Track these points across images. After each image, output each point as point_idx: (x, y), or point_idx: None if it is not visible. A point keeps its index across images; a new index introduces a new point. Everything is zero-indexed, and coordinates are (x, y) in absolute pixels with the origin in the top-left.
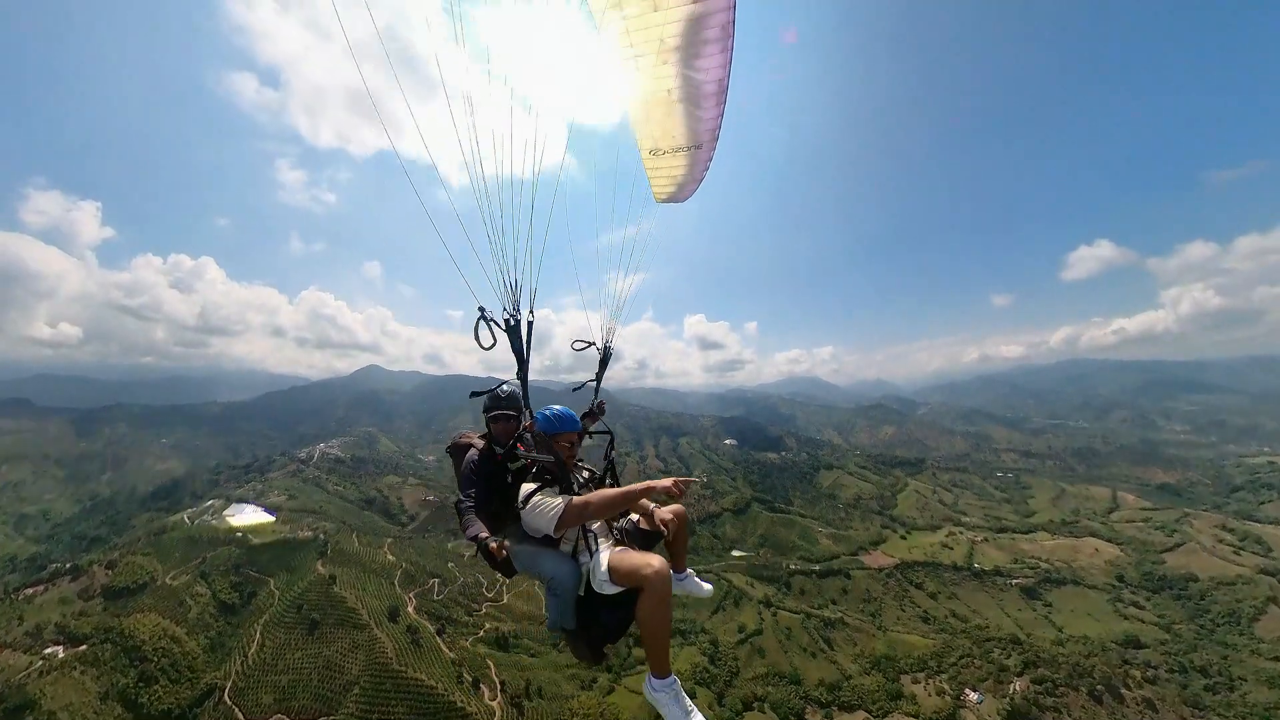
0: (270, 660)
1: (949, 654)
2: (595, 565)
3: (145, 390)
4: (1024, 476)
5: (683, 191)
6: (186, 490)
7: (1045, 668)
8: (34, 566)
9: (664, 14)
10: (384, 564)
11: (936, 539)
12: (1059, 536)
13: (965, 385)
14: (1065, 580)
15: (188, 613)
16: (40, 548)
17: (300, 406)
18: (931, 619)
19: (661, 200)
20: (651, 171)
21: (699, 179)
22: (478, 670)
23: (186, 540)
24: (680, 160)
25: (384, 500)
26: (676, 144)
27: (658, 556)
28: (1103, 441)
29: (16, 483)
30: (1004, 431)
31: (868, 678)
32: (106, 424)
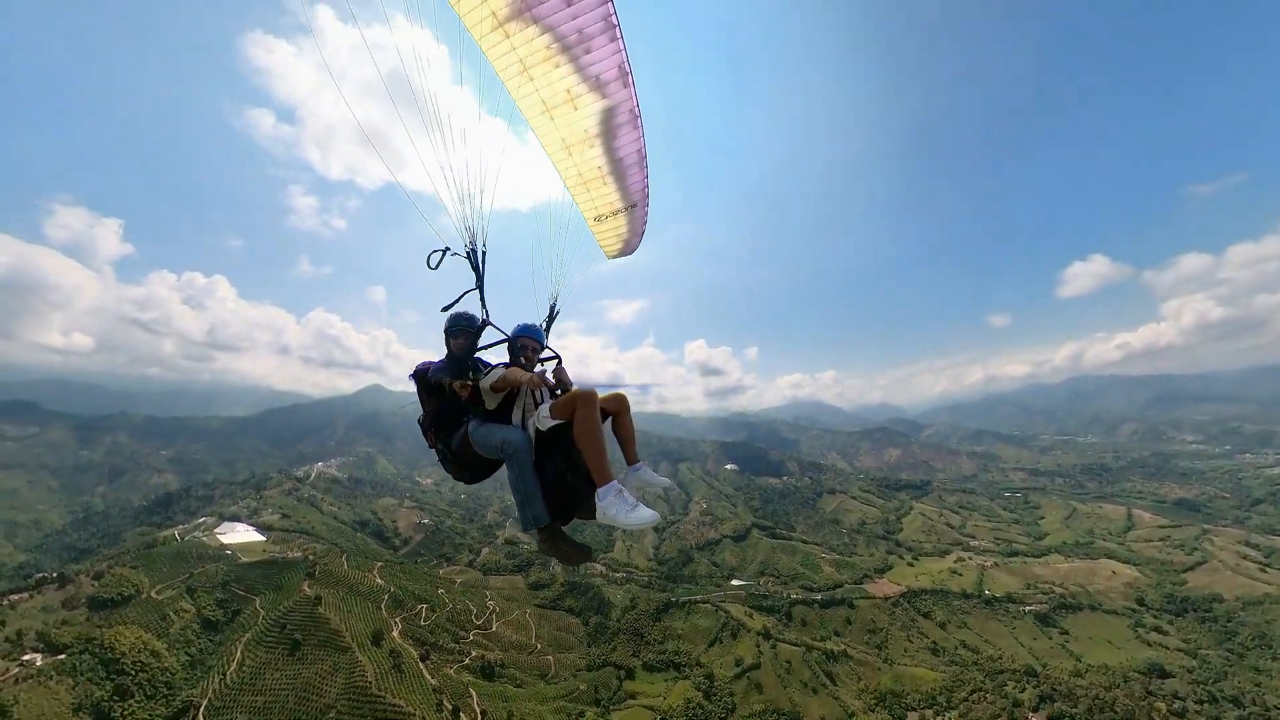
0: (249, 680)
1: (959, 688)
2: (540, 413)
3: (148, 401)
4: (1033, 496)
5: (628, 246)
6: (180, 505)
7: (1063, 701)
8: (20, 574)
9: (582, 112)
10: (372, 587)
11: (945, 565)
12: (1073, 559)
13: (971, 406)
14: (1082, 605)
15: (170, 627)
16: (28, 556)
17: (301, 424)
18: (941, 650)
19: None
20: (600, 234)
21: (640, 232)
22: (459, 699)
23: (175, 555)
24: (621, 220)
25: (378, 523)
26: (615, 207)
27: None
28: (1114, 456)
29: (11, 490)
30: (1012, 450)
31: (872, 715)
32: (108, 432)
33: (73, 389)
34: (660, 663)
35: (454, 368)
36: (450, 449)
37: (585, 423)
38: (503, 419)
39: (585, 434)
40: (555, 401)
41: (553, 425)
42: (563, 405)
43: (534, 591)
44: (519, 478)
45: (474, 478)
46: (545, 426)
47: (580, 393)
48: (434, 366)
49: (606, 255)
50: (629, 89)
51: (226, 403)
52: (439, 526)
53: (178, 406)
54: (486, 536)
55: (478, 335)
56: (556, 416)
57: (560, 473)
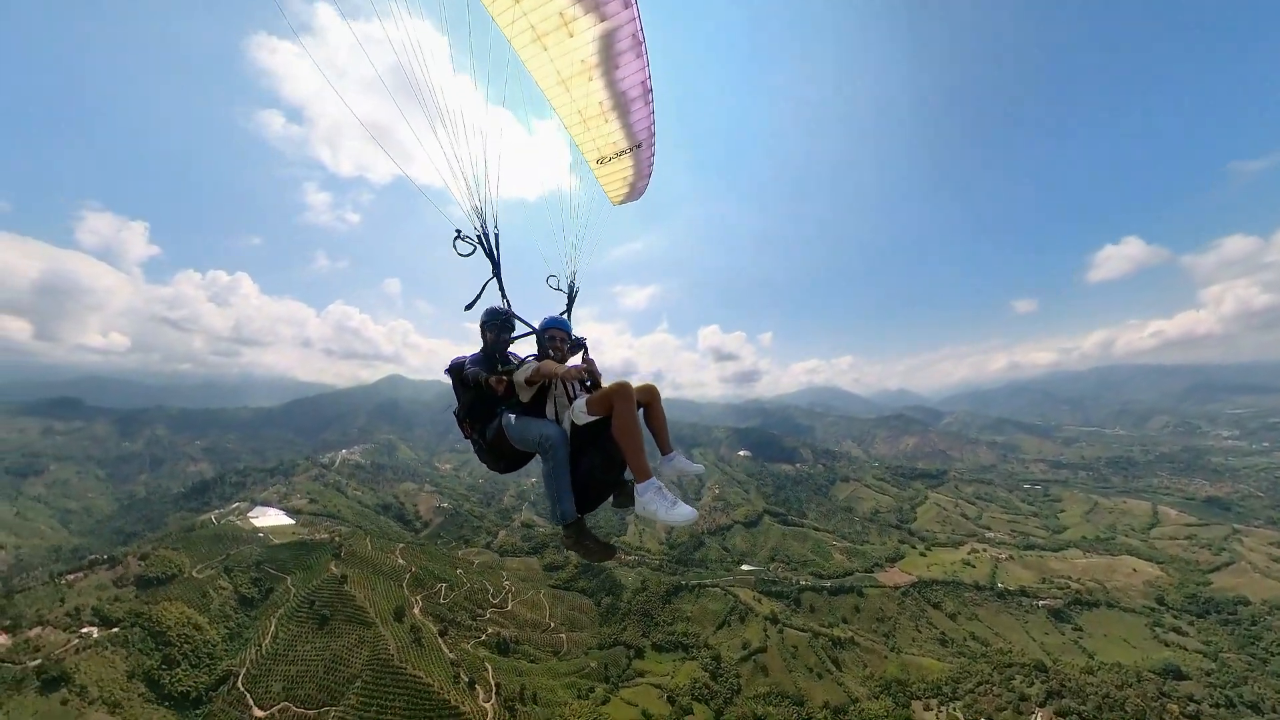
0: (282, 651)
1: (966, 679)
2: (575, 407)
3: (182, 395)
4: (1054, 488)
5: (634, 190)
6: (215, 492)
7: (1071, 698)
8: (75, 556)
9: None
10: (394, 567)
11: (958, 556)
12: (1092, 554)
13: (993, 394)
14: (1098, 602)
15: (210, 604)
16: (82, 540)
17: (326, 413)
18: (949, 641)
19: (619, 202)
20: (603, 178)
21: (647, 175)
22: (475, 672)
23: (213, 538)
24: (626, 162)
25: (399, 506)
26: (619, 148)
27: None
28: (1141, 450)
29: (64, 480)
30: (1034, 441)
31: (876, 702)
32: (147, 425)
33: (112, 386)
34: (669, 643)
35: (488, 362)
36: (485, 440)
37: (624, 418)
38: (537, 412)
39: (624, 430)
40: (591, 397)
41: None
42: (599, 401)
43: (548, 573)
44: (553, 474)
45: (508, 467)
46: (582, 422)
47: (617, 388)
48: (469, 359)
49: (611, 201)
50: (631, 9)
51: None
52: (458, 510)
53: (209, 399)
54: (503, 520)
55: (510, 328)
56: (593, 412)
57: (594, 467)
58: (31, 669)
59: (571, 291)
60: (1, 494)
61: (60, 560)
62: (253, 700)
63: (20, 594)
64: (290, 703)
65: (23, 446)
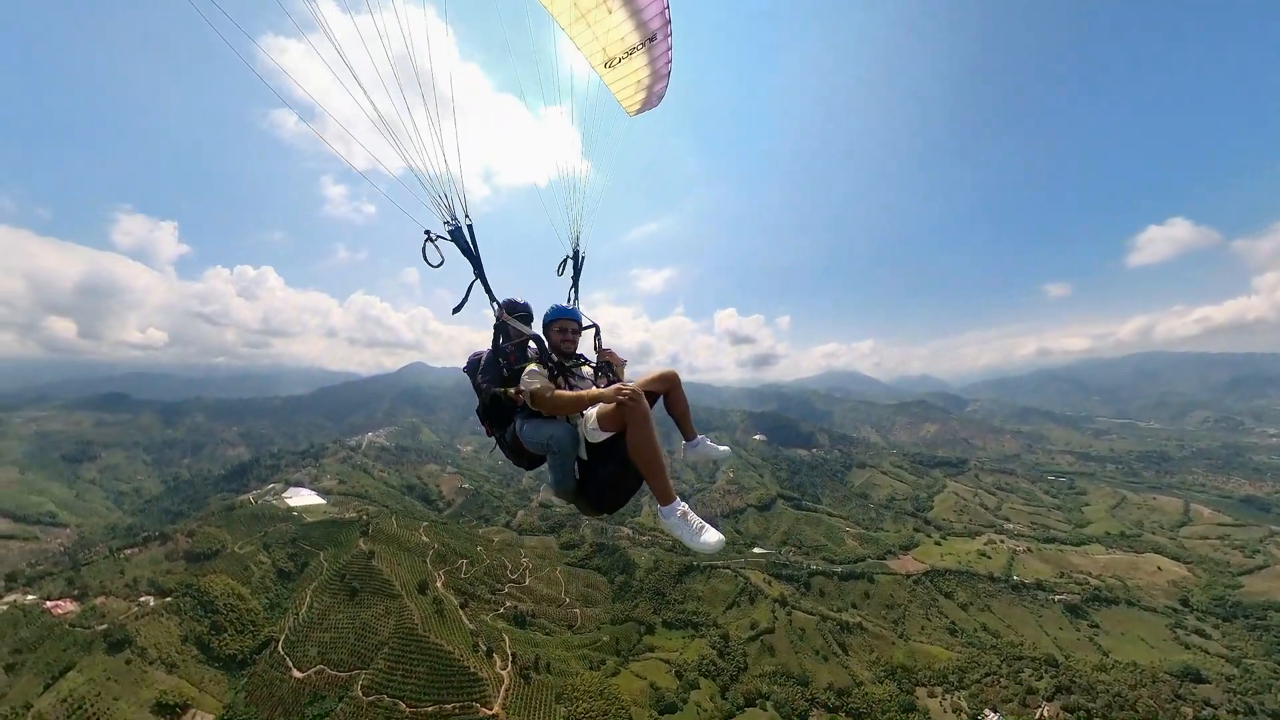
0: (316, 619)
1: (973, 669)
2: (587, 422)
3: (218, 386)
4: (1080, 481)
5: (652, 95)
6: (252, 474)
7: (1080, 694)
8: (130, 534)
9: None
10: (418, 544)
11: (974, 546)
12: (1115, 550)
13: (1020, 381)
14: (1118, 600)
15: (251, 576)
16: (134, 519)
17: (352, 399)
18: (959, 631)
19: (636, 112)
20: (614, 85)
21: (665, 74)
22: (493, 642)
23: (252, 516)
24: (639, 61)
25: (423, 487)
26: (629, 44)
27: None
28: (1177, 445)
29: (115, 465)
30: (1062, 431)
31: (880, 686)
32: (187, 414)
33: (154, 380)
34: (679, 621)
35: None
36: (506, 440)
37: (639, 442)
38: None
39: (641, 454)
40: (602, 412)
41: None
42: (611, 417)
43: (565, 551)
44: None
45: (531, 464)
46: (595, 439)
47: (629, 408)
48: (483, 364)
49: (627, 111)
50: None
51: (285, 384)
52: (478, 491)
53: (243, 389)
54: (522, 500)
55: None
56: (606, 429)
57: (613, 475)
58: (99, 632)
59: (578, 261)
60: (61, 479)
61: (116, 537)
62: (292, 663)
63: (86, 567)
64: (325, 665)
65: (77, 436)
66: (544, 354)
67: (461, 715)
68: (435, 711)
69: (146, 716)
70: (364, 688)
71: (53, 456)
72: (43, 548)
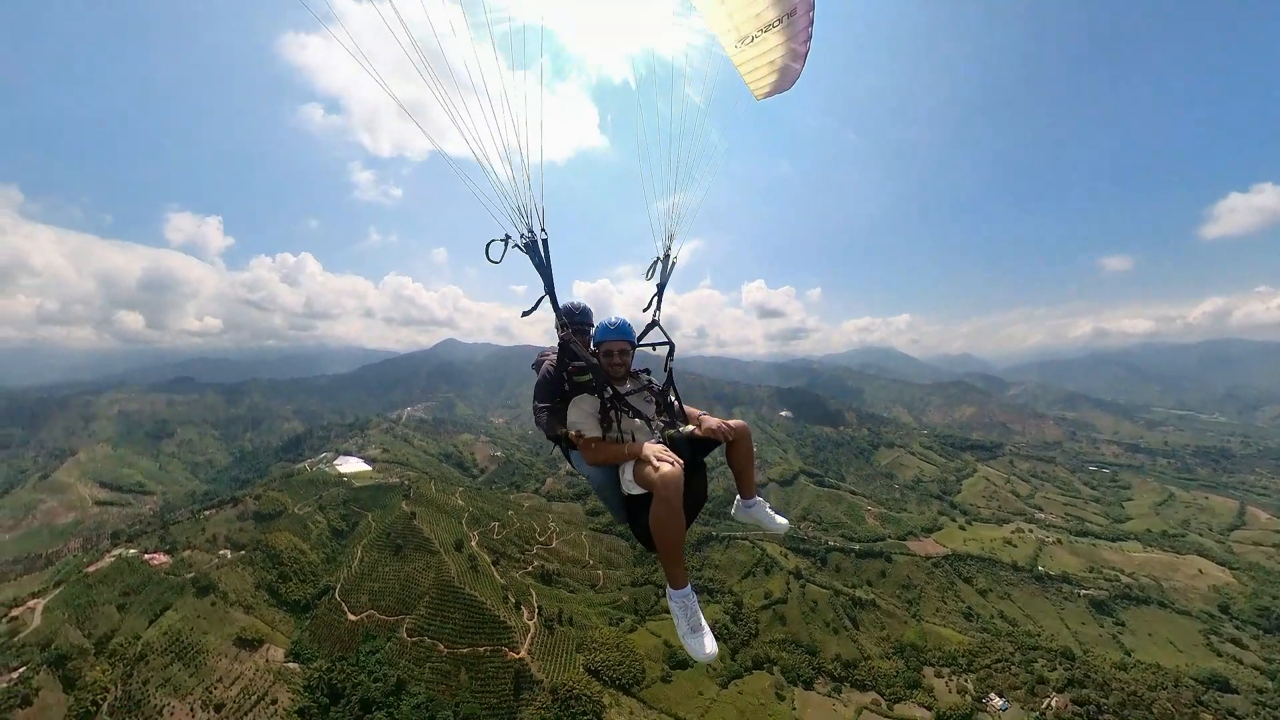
0: (367, 572)
1: (984, 654)
2: (625, 466)
3: (270, 367)
4: (1125, 474)
5: (786, 77)
6: (306, 445)
7: (1093, 689)
8: (206, 499)
9: None
10: (455, 506)
11: (1000, 534)
12: (1154, 549)
13: (1071, 364)
14: (1149, 600)
15: (310, 534)
16: (209, 486)
17: (391, 376)
18: (975, 616)
19: (764, 95)
20: (744, 66)
21: (802, 54)
22: (521, 596)
23: (308, 482)
24: (775, 38)
25: (459, 455)
26: (764, 21)
27: (671, 466)
28: (1242, 442)
29: (189, 440)
30: (1111, 420)
31: (888, 662)
32: (245, 395)
33: (214, 363)
34: (696, 586)
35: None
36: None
37: (659, 517)
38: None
39: (659, 530)
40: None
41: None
42: (643, 477)
43: (590, 517)
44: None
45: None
46: (628, 491)
47: (659, 479)
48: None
49: (755, 94)
50: None
51: (330, 363)
52: (510, 459)
53: (292, 369)
54: (551, 468)
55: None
56: (639, 484)
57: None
58: (188, 579)
59: (668, 266)
60: (146, 453)
61: (195, 502)
62: (346, 608)
63: (173, 526)
64: (375, 611)
65: (154, 415)
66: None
67: (492, 657)
68: (469, 653)
69: (230, 648)
70: (408, 630)
71: (137, 434)
72: (136, 512)
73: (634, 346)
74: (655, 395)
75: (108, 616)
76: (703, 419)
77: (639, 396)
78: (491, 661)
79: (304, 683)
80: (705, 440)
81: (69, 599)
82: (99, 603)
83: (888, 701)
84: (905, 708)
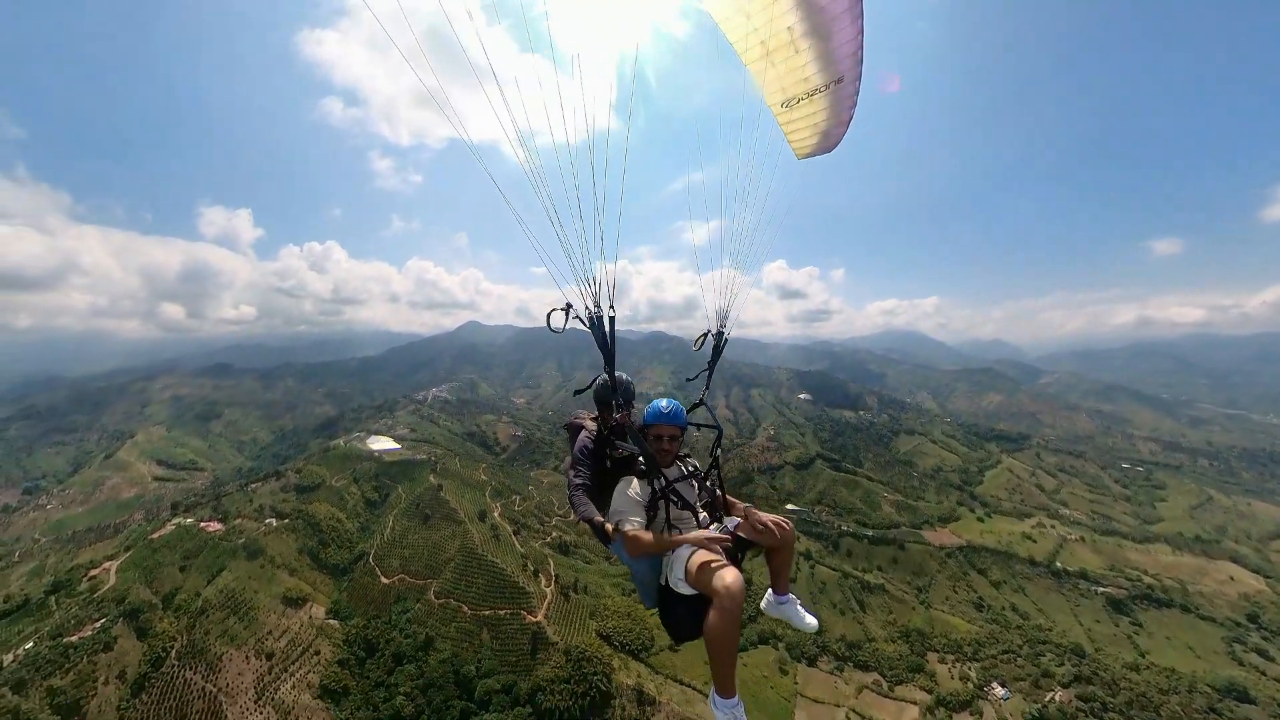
0: (398, 539)
1: (991, 644)
2: (674, 561)
3: (302, 352)
4: (1161, 473)
5: (828, 139)
6: (340, 425)
7: (1100, 687)
8: (252, 473)
9: None
10: (478, 481)
11: (1020, 528)
12: (1184, 553)
13: (1110, 354)
14: (1171, 603)
15: (346, 504)
16: (254, 462)
17: (417, 358)
18: (985, 607)
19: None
20: (788, 126)
21: (846, 120)
22: (539, 564)
23: (342, 457)
24: (820, 104)
25: (482, 434)
26: (812, 86)
27: (735, 572)
28: None
29: (235, 421)
30: (1150, 415)
31: (892, 645)
32: (280, 379)
33: (250, 350)
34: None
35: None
36: None
37: (717, 629)
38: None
39: (715, 638)
40: (695, 570)
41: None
42: (701, 581)
43: None
44: (641, 592)
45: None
46: (677, 589)
47: (724, 589)
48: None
49: (796, 154)
50: None
51: (359, 347)
52: (530, 437)
53: (324, 353)
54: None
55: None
56: (692, 585)
57: (689, 619)
58: (239, 545)
59: (720, 344)
60: (196, 433)
61: (242, 476)
62: (380, 571)
63: (224, 497)
64: (405, 575)
65: (202, 399)
66: (651, 467)
67: (511, 619)
68: (491, 615)
69: (278, 605)
70: (435, 593)
71: (188, 416)
72: (190, 486)
73: (683, 432)
74: (698, 482)
75: (171, 576)
76: (750, 513)
77: (685, 484)
78: (511, 623)
79: (343, 637)
80: (742, 539)
81: (138, 561)
82: (163, 564)
83: (889, 682)
84: (906, 690)
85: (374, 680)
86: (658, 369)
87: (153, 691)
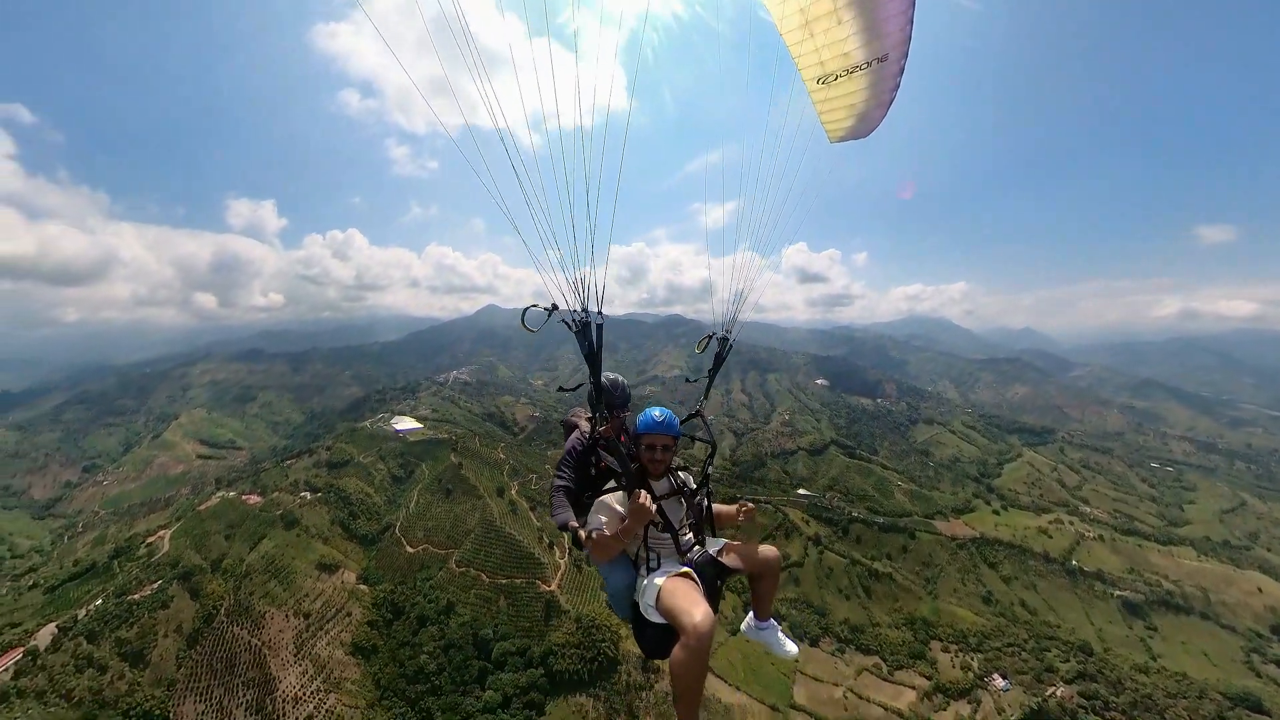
0: (422, 512)
1: (996, 637)
2: (648, 586)
3: (328, 337)
4: (1192, 475)
5: (865, 123)
6: (365, 406)
7: (1104, 685)
8: (286, 451)
9: None
10: (497, 459)
11: (1036, 523)
12: (1210, 559)
13: (1149, 347)
14: (1190, 610)
15: (374, 480)
16: (288, 441)
17: (438, 342)
18: (994, 601)
19: (838, 139)
20: (822, 105)
21: (886, 103)
22: (554, 537)
23: (369, 436)
24: (860, 83)
25: (500, 415)
26: (852, 62)
27: (707, 610)
28: None
29: (269, 403)
30: (1187, 413)
31: (895, 632)
32: (308, 363)
33: (278, 336)
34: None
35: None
36: None
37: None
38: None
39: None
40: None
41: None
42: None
43: None
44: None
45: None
46: (648, 616)
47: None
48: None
49: (830, 136)
50: None
51: (381, 331)
52: (547, 419)
53: (349, 338)
54: None
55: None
56: (662, 616)
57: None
58: (278, 516)
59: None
60: (234, 414)
61: (278, 454)
62: (405, 542)
63: (263, 473)
64: (429, 545)
65: (238, 383)
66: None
67: (526, 588)
68: (507, 583)
69: (313, 570)
70: (457, 562)
71: (226, 399)
72: (230, 464)
73: (676, 442)
74: (685, 497)
75: (218, 544)
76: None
77: (672, 501)
78: (526, 592)
79: (372, 601)
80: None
81: (188, 530)
82: (210, 533)
83: (889, 667)
84: (905, 675)
85: (400, 640)
86: (674, 352)
87: (205, 644)
